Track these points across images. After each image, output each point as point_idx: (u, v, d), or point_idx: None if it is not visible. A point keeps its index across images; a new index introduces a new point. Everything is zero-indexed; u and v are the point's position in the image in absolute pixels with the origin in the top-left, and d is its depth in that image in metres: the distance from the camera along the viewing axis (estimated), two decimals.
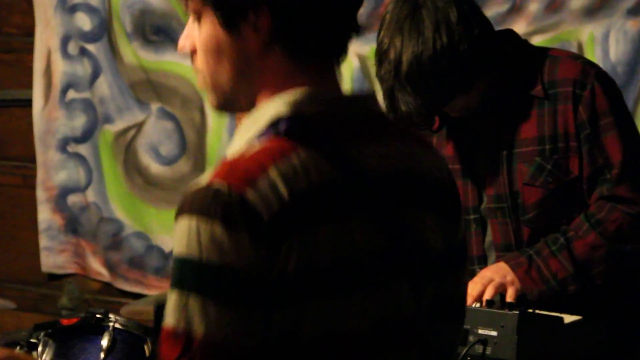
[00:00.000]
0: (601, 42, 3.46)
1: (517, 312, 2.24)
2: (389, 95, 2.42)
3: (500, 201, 2.54)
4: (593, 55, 3.44)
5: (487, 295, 2.41)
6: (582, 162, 2.51)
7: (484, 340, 2.24)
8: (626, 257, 2.55)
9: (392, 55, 2.40)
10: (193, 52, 1.58)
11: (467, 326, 2.26)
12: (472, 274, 2.61)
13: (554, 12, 3.52)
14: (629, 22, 3.42)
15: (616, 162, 2.50)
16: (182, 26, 4.08)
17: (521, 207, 2.53)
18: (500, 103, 2.54)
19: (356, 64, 3.83)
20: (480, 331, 2.25)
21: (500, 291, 2.42)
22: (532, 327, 2.24)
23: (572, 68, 2.53)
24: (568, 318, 2.36)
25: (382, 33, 2.46)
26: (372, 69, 3.81)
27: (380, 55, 2.44)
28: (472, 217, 2.59)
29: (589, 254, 2.50)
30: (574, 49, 3.46)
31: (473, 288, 2.44)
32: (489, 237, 2.59)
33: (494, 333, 2.24)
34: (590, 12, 3.48)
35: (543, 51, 2.64)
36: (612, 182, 2.50)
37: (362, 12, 4.09)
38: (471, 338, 2.25)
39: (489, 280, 2.44)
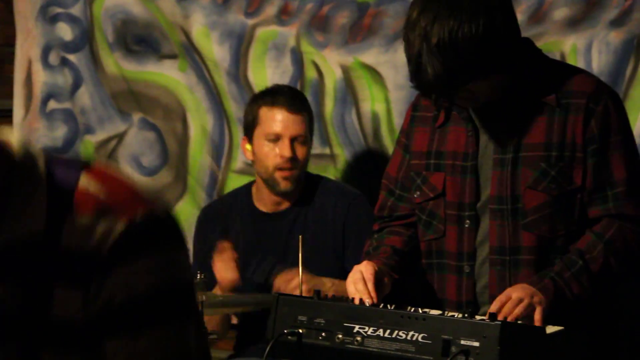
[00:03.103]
0: (584, 53, 3.47)
1: (499, 322, 2.23)
2: (416, 58, 2.42)
3: (501, 203, 2.56)
4: (576, 65, 3.45)
5: (517, 313, 2.40)
6: (585, 174, 2.53)
7: (466, 351, 2.23)
8: None
9: (423, 22, 2.41)
10: None
11: (449, 337, 2.25)
12: (459, 271, 2.61)
13: (537, 23, 3.52)
14: (612, 33, 3.43)
15: (621, 180, 2.53)
16: (164, 36, 4.12)
17: (521, 211, 2.54)
18: (511, 104, 2.56)
19: (339, 75, 3.83)
20: (462, 342, 2.24)
21: (528, 312, 2.42)
22: (514, 337, 2.24)
23: (587, 82, 2.57)
24: (550, 328, 2.35)
25: (414, 5, 2.47)
26: (354, 80, 3.82)
27: (411, 22, 2.44)
28: (466, 213, 2.60)
29: (605, 274, 2.52)
30: None
31: (504, 306, 2.42)
32: (480, 236, 2.59)
33: (477, 344, 2.22)
34: (573, 24, 3.49)
35: (558, 62, 2.70)
36: (617, 199, 2.52)
37: (346, 23, 4.13)
38: (453, 349, 2.24)
39: (518, 301, 2.43)
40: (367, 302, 2.46)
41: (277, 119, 3.48)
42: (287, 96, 3.53)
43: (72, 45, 4.18)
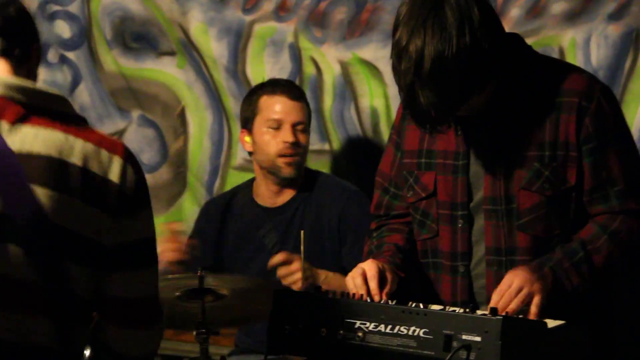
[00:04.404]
0: (582, 47, 3.47)
1: (501, 317, 2.23)
2: (409, 90, 2.39)
3: (495, 203, 2.54)
4: (574, 59, 3.45)
5: (514, 307, 2.40)
6: (580, 173, 2.51)
7: (467, 346, 2.23)
8: None
9: (412, 51, 2.37)
10: None
11: (450, 332, 2.25)
12: (454, 271, 2.60)
13: (535, 17, 3.52)
14: (610, 26, 3.43)
15: (621, 177, 2.51)
16: (163, 33, 4.12)
17: (515, 211, 2.53)
18: (504, 106, 2.54)
19: (338, 70, 3.83)
20: (464, 337, 2.24)
21: (527, 301, 2.41)
22: (515, 332, 2.24)
23: (578, 80, 2.54)
24: (551, 323, 2.35)
25: (400, 29, 2.42)
26: (353, 75, 3.82)
27: (399, 50, 2.40)
28: (459, 213, 2.58)
29: (607, 266, 2.51)
30: (556, 54, 3.47)
31: (503, 296, 2.41)
32: (475, 236, 2.58)
33: (478, 338, 2.22)
34: (572, 17, 3.49)
35: (549, 60, 2.65)
36: (620, 197, 2.51)
37: (344, 19, 4.14)
38: (455, 344, 2.24)
39: (517, 291, 2.42)
40: (363, 296, 2.46)
41: (277, 106, 3.50)
42: (287, 85, 3.56)
43: (70, 43, 4.18)
